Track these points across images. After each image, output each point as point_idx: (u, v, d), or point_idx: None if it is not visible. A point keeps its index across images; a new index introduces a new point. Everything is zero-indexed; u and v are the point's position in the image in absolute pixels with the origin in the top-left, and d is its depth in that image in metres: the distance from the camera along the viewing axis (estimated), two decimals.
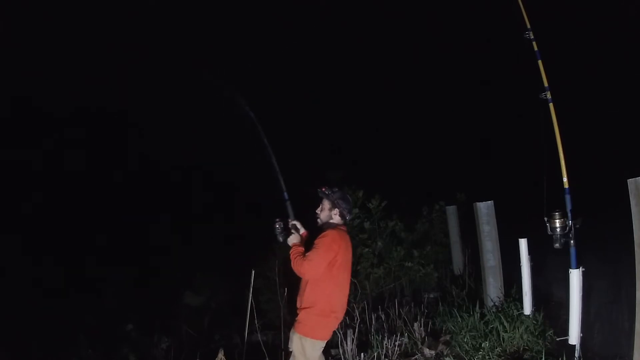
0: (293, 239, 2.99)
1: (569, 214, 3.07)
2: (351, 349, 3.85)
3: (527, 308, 3.79)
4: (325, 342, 2.97)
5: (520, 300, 4.04)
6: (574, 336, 3.11)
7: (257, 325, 4.01)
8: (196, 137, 9.38)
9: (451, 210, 6.30)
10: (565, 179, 3.10)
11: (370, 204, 5.47)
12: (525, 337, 3.76)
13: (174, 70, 8.18)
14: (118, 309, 6.71)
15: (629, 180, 2.63)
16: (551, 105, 3.15)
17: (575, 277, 3.07)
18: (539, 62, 3.20)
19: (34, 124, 8.47)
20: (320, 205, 3.05)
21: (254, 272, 4.13)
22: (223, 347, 3.70)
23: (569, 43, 3.88)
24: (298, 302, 2.97)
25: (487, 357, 3.63)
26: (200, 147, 9.30)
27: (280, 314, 4.22)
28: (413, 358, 3.94)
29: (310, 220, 3.10)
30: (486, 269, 4.83)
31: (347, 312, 3.07)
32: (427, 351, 3.99)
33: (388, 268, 5.55)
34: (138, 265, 7.65)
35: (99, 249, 8.05)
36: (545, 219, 3.10)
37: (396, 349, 3.90)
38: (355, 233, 5.31)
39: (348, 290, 3.04)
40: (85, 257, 7.78)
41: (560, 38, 3.77)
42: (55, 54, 7.79)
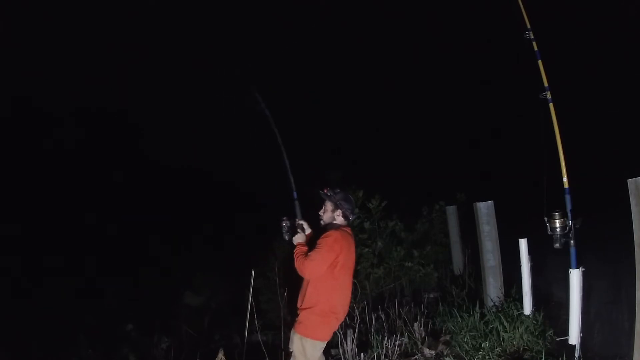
0: (298, 238, 2.99)
1: (569, 214, 3.06)
2: (351, 349, 3.85)
3: (527, 308, 3.80)
4: (325, 342, 2.97)
5: (520, 300, 4.04)
6: (574, 336, 3.11)
7: (257, 325, 4.01)
8: (196, 137, 9.39)
9: (451, 210, 6.30)
10: (565, 179, 3.10)
11: (370, 204, 5.47)
12: (525, 337, 3.76)
13: (173, 70, 8.19)
14: (118, 309, 6.71)
15: (629, 180, 2.64)
16: (551, 105, 3.15)
17: (575, 277, 3.07)
18: (539, 62, 3.20)
19: (34, 124, 8.48)
20: (323, 207, 3.05)
21: (254, 272, 4.13)
22: (223, 347, 3.70)
23: (569, 43, 3.87)
24: (299, 302, 2.97)
25: (487, 357, 3.62)
26: (200, 147, 9.31)
27: (280, 314, 4.22)
28: (413, 358, 3.94)
29: (314, 220, 3.10)
30: (486, 269, 4.83)
31: (347, 312, 3.06)
32: (427, 351, 3.98)
33: (388, 268, 5.55)
34: (138, 265, 7.65)
35: (99, 249, 8.05)
36: (545, 219, 3.10)
37: (396, 349, 3.90)
38: (355, 233, 5.28)
39: (350, 291, 3.03)
40: (86, 257, 7.79)
41: (560, 38, 3.77)
42: (55, 53, 7.79)
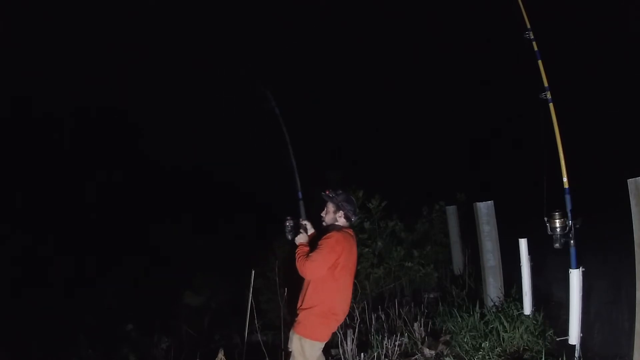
0: (300, 238, 2.99)
1: (569, 214, 3.07)
2: (351, 349, 3.85)
3: (527, 308, 3.80)
4: (324, 342, 2.97)
5: (520, 300, 4.04)
6: (574, 336, 3.12)
7: (257, 325, 4.01)
8: (196, 137, 9.38)
9: (451, 210, 6.30)
10: (565, 179, 3.11)
11: (370, 204, 5.47)
12: (525, 337, 3.76)
13: (173, 70, 8.18)
14: (118, 309, 6.71)
15: (629, 180, 2.64)
16: (551, 105, 3.16)
17: (575, 277, 3.07)
18: (539, 62, 3.21)
19: (33, 124, 8.48)
20: (325, 208, 3.05)
21: (254, 272, 4.13)
22: (223, 347, 3.70)
23: (569, 43, 3.87)
24: (299, 302, 2.97)
25: (487, 357, 3.62)
26: (199, 147, 9.30)
27: (280, 314, 4.22)
28: (413, 358, 3.94)
29: (316, 220, 3.10)
30: (486, 269, 4.83)
31: (347, 313, 3.06)
32: (427, 351, 3.98)
33: (388, 268, 5.55)
34: (138, 264, 7.65)
35: (99, 248, 8.05)
36: (545, 219, 3.10)
37: (396, 349, 3.90)
38: (355, 233, 5.30)
39: (350, 292, 3.03)
40: (85, 257, 7.79)
41: (560, 38, 3.77)
42: (55, 53, 7.79)
